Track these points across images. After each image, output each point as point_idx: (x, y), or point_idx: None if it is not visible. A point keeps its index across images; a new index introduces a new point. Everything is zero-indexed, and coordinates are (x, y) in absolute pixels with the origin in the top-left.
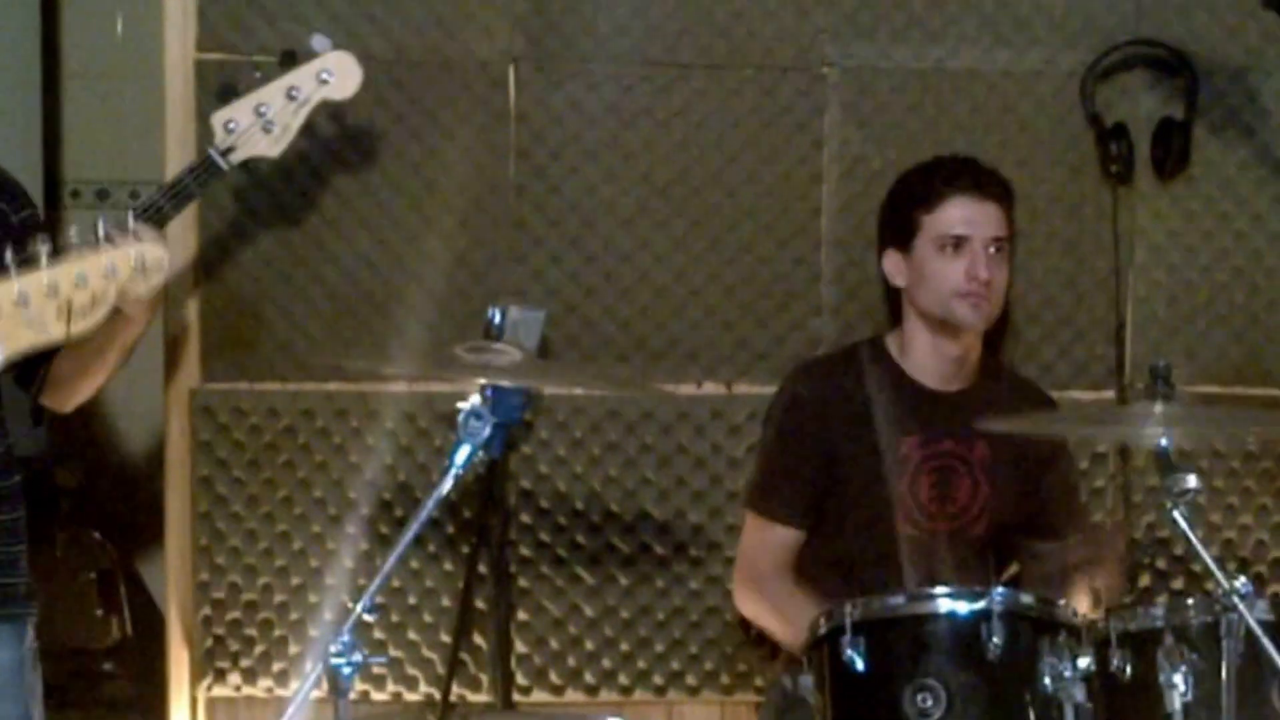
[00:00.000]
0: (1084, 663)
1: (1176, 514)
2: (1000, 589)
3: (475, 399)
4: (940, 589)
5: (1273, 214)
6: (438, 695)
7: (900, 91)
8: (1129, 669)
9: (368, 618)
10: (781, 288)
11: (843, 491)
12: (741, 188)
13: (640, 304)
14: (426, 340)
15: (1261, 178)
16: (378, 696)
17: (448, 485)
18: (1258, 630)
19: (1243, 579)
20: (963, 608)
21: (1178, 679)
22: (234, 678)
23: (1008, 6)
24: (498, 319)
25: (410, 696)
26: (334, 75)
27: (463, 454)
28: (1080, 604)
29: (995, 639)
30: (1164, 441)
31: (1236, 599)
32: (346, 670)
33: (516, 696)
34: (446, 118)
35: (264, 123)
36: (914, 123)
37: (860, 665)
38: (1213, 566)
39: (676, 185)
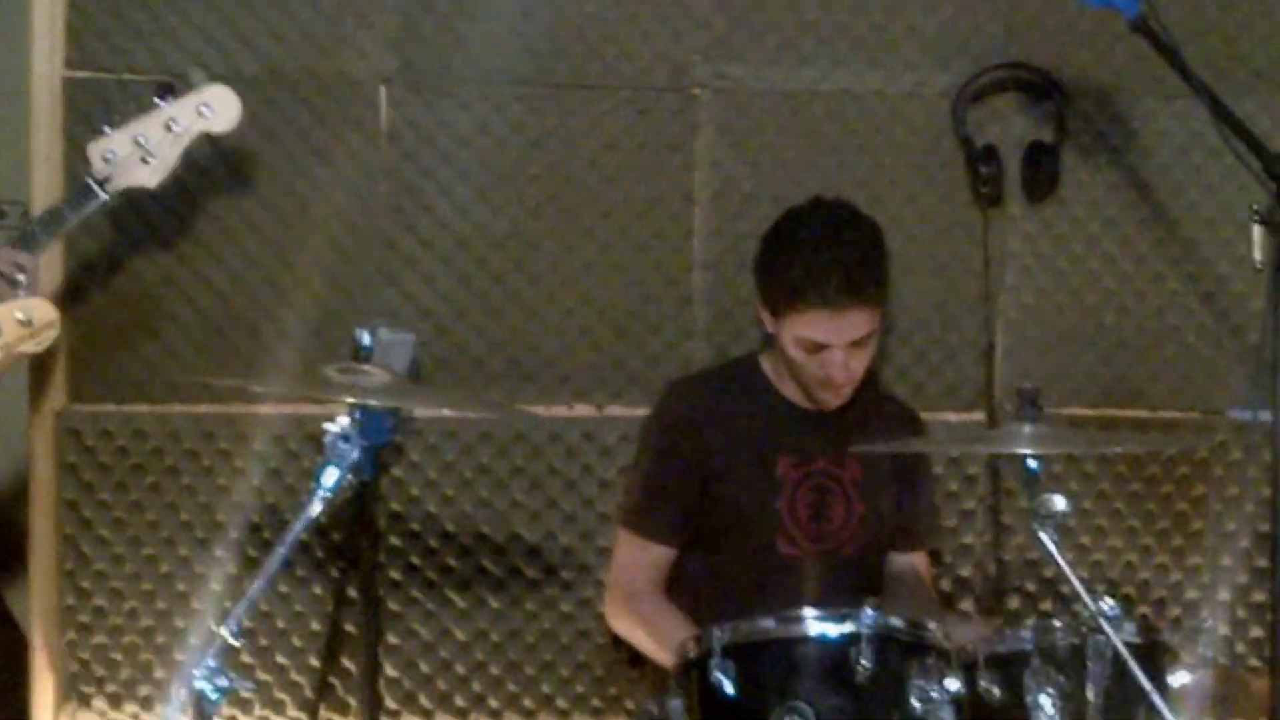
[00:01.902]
0: (953, 685)
1: (1044, 536)
2: (870, 612)
3: (344, 421)
4: (810, 611)
5: (1141, 237)
6: None
7: (773, 113)
8: (997, 691)
9: (234, 642)
10: (654, 310)
11: (720, 509)
12: (614, 209)
13: (512, 325)
14: (296, 361)
15: (1130, 200)
16: None
17: (316, 508)
18: (1124, 652)
19: (1110, 601)
20: (832, 630)
21: (1044, 701)
22: (99, 703)
23: (880, 29)
24: (367, 340)
25: None
26: (213, 109)
27: (330, 476)
28: None
29: (864, 661)
30: (1032, 463)
31: (1103, 621)
32: (213, 695)
33: None
34: (318, 137)
35: (142, 153)
36: (786, 144)
37: (729, 688)
38: (1079, 589)
39: (549, 206)
